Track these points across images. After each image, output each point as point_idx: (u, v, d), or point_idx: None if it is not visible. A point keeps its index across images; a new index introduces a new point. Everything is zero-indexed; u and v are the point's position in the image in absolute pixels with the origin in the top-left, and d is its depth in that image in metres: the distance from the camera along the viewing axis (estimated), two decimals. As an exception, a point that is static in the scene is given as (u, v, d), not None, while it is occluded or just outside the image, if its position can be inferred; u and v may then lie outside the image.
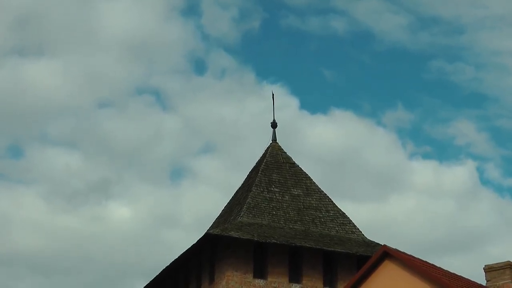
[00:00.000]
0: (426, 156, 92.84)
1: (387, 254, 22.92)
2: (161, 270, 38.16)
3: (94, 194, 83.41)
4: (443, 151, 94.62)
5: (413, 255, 23.36)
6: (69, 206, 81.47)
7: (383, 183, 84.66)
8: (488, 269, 27.17)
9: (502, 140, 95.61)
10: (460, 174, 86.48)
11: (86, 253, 78.24)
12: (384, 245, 23.45)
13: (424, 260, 23.46)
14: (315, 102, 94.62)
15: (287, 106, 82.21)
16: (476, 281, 25.25)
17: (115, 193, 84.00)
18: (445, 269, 23.99)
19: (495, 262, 27.31)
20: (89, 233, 78.58)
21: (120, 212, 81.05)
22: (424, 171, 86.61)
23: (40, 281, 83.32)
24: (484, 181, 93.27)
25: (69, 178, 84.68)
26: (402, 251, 23.23)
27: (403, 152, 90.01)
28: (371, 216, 77.65)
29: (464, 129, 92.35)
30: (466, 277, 24.43)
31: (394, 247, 23.29)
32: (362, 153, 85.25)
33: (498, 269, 26.86)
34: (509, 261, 27.05)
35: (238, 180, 41.64)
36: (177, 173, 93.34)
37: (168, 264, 37.45)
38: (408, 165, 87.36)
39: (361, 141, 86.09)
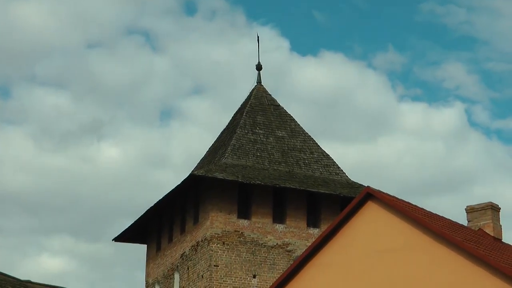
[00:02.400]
0: (415, 98, 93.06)
1: (370, 195, 23.11)
2: (146, 210, 38.37)
3: (84, 134, 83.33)
4: (433, 93, 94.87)
5: (397, 197, 23.56)
6: (59, 146, 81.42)
7: (372, 125, 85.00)
8: (470, 210, 27.48)
9: (491, 82, 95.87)
10: (448, 116, 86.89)
11: (75, 193, 78.52)
12: (368, 187, 23.63)
13: (408, 201, 23.68)
14: (305, 44, 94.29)
15: (277, 48, 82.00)
16: (459, 221, 25.58)
17: (105, 134, 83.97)
18: (429, 210, 24.24)
19: (477, 203, 27.64)
20: (79, 173, 78.75)
21: (110, 153, 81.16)
22: (413, 113, 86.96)
23: (29, 220, 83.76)
24: (473, 123, 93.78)
25: (58, 118, 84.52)
26: (385, 192, 23.43)
27: (393, 94, 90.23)
28: (360, 158, 78.10)
29: (454, 72, 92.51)
30: (448, 218, 24.70)
31: (382, 189, 23.49)
32: (352, 95, 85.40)
33: (479, 210, 27.17)
34: (491, 202, 27.36)
35: (227, 121, 41.73)
36: (167, 114, 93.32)
37: (152, 205, 37.65)
38: (398, 107, 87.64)
39: (351, 83, 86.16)
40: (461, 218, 27.66)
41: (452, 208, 77.06)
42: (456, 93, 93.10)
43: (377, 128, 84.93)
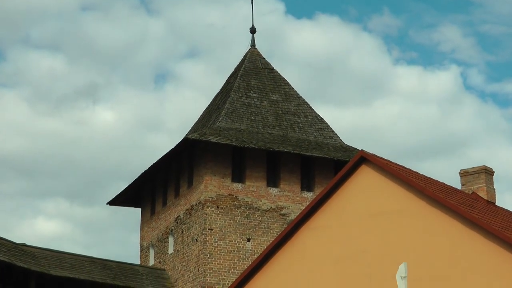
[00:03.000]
0: (411, 62, 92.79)
1: (364, 159, 23.10)
2: (140, 174, 38.39)
3: (79, 98, 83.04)
4: (428, 57, 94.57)
5: (391, 160, 23.57)
6: (54, 110, 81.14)
7: (367, 89, 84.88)
8: (463, 174, 27.55)
9: (486, 45, 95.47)
10: (444, 79, 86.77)
11: (70, 156, 78.48)
12: (362, 150, 23.61)
13: (402, 165, 23.70)
14: (301, 6, 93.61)
15: (272, 11, 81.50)
16: (453, 185, 25.64)
17: (100, 97, 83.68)
18: (424, 174, 24.27)
19: (471, 167, 27.70)
20: (73, 137, 78.64)
21: (105, 116, 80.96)
22: (409, 77, 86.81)
23: (24, 183, 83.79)
24: (468, 87, 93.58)
25: (52, 81, 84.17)
26: (379, 156, 23.42)
27: (388, 58, 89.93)
28: (355, 121, 78.10)
29: (449, 35, 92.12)
30: (442, 182, 24.74)
31: (376, 152, 23.48)
32: (347, 58, 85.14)
33: (473, 174, 27.23)
34: (484, 166, 27.41)
35: (222, 84, 41.60)
36: (161, 78, 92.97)
37: (146, 169, 37.66)
38: (393, 70, 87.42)
39: (347, 47, 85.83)
40: (456, 182, 27.76)
41: (446, 172, 77.31)
42: (452, 57, 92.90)
43: (372, 92, 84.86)
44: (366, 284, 21.99)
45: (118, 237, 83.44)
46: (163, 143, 76.13)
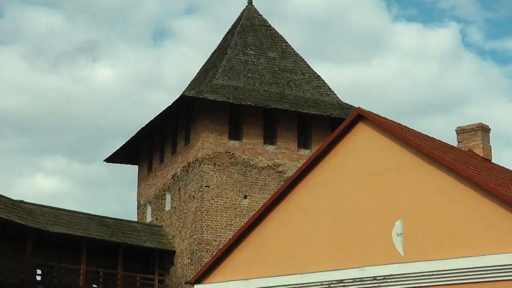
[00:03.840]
0: (410, 19, 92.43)
1: (361, 116, 23.05)
2: (137, 131, 38.39)
3: (78, 55, 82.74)
4: (428, 14, 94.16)
5: (389, 118, 23.53)
6: (53, 67, 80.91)
7: (367, 46, 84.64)
8: (460, 131, 27.55)
9: (486, 2, 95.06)
10: (443, 37, 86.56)
11: (69, 113, 78.48)
12: (358, 108, 23.55)
13: (398, 122, 23.67)
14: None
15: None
16: (451, 143, 25.66)
17: (98, 54, 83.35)
18: (422, 131, 24.26)
19: (467, 124, 27.69)
20: (72, 94, 78.52)
21: (103, 73, 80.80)
22: (408, 34, 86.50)
23: (23, 140, 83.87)
24: (467, 44, 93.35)
25: (51, 38, 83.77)
26: (376, 113, 23.37)
27: (387, 15, 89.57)
28: (353, 79, 78.02)
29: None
30: (439, 139, 24.74)
31: (374, 110, 23.40)
32: (346, 15, 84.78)
33: (470, 131, 27.24)
34: (481, 123, 27.40)
35: (220, 42, 41.40)
36: (160, 34, 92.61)
37: (143, 126, 37.65)
38: (392, 27, 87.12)
39: (346, 3, 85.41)
40: (453, 139, 27.77)
41: (444, 129, 77.45)
42: (451, 14, 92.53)
43: (370, 49, 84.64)
44: (362, 241, 22.11)
45: (116, 194, 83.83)
46: (162, 100, 76.14)
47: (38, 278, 34.75)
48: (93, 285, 35.70)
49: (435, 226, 20.96)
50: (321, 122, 37.18)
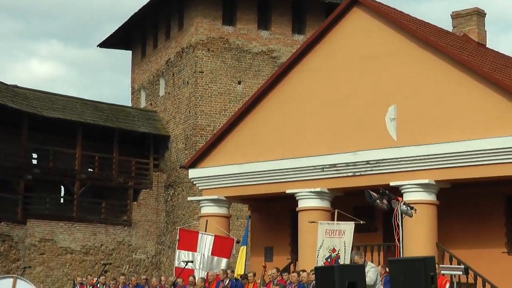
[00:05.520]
0: None
1: (356, 1, 22.85)
2: (130, 16, 38.05)
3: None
4: None
5: (383, 3, 23.34)
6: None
7: None
8: (455, 16, 27.40)
9: None
10: None
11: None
12: (354, -8, 23.34)
13: (394, 7, 23.50)
14: None
15: None
16: (445, 28, 25.53)
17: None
18: (418, 17, 24.11)
19: (462, 9, 27.52)
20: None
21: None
22: None
23: (17, 25, 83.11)
24: None
25: None
26: (371, -2, 23.18)
27: None
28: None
29: None
30: (434, 24, 24.62)
31: (364, -6, 23.19)
32: None
33: (465, 16, 27.08)
34: (477, 8, 27.23)
35: None
36: None
37: (137, 10, 37.29)
38: None
39: None
40: (448, 24, 27.63)
41: (441, 14, 76.72)
42: None
43: None
44: (355, 126, 22.27)
45: (111, 80, 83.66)
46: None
47: (34, 162, 35.10)
48: (89, 169, 36.09)
49: (428, 111, 21.10)
50: (315, 7, 36.84)
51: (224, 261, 22.96)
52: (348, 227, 20.07)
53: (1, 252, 31.35)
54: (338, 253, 19.88)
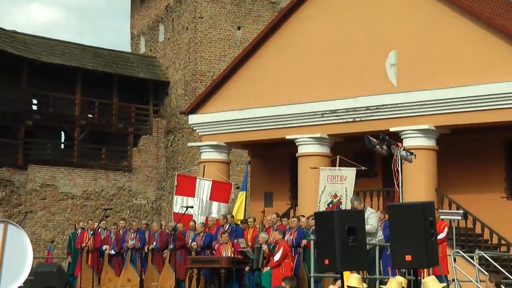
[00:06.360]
0: None
1: None
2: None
3: None
4: None
5: None
6: None
7: None
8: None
9: None
10: None
11: None
12: None
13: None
14: None
15: None
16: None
17: None
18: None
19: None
20: None
21: None
22: None
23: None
24: None
25: None
26: None
27: None
28: None
29: None
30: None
31: None
32: None
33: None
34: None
35: None
36: None
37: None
38: None
39: None
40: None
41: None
42: None
43: None
44: (356, 71, 22.23)
45: (110, 25, 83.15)
46: None
47: (34, 107, 35.09)
48: (89, 115, 36.09)
49: (429, 56, 21.05)
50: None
51: (222, 206, 23.11)
52: (349, 173, 20.17)
53: (3, 197, 31.54)
54: (339, 198, 20.00)
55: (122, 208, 34.83)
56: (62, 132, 35.84)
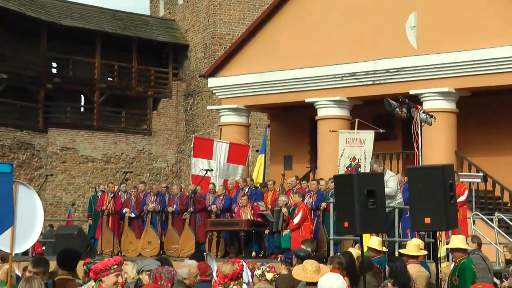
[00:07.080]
0: None
1: None
2: None
3: None
4: None
5: None
6: None
7: None
8: None
9: None
10: None
11: None
12: None
13: None
14: None
15: None
16: None
17: None
18: None
19: None
20: None
21: None
22: None
23: None
24: None
25: None
26: None
27: None
28: None
29: None
30: None
31: None
32: None
33: None
34: None
35: None
36: None
37: None
38: None
39: None
40: None
41: None
42: None
43: None
44: (375, 34, 22.12)
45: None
46: None
47: (54, 71, 35.17)
48: (108, 78, 36.14)
49: (449, 18, 20.89)
50: None
51: (240, 168, 23.15)
52: (368, 136, 20.14)
53: (24, 160, 31.76)
54: (358, 161, 19.99)
55: (142, 171, 34.99)
56: (82, 96, 35.94)
